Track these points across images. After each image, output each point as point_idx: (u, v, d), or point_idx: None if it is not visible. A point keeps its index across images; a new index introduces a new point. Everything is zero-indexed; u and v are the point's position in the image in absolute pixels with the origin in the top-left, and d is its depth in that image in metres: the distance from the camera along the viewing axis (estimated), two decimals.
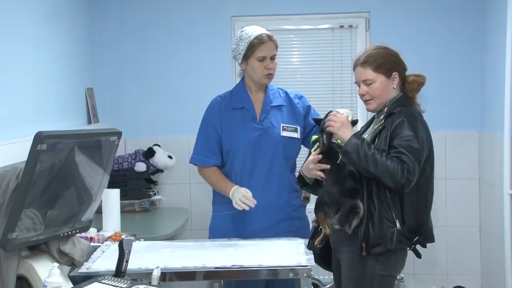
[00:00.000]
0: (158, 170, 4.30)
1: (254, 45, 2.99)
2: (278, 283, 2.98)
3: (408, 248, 2.61)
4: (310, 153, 2.77)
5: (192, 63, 4.48)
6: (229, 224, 3.07)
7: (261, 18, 4.48)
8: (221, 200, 3.10)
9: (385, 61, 2.64)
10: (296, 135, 3.09)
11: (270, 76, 3.06)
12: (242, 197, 2.93)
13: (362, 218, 2.51)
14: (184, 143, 4.46)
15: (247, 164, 3.05)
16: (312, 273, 2.43)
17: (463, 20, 4.36)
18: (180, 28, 4.47)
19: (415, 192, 2.54)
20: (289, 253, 2.61)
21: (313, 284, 4.29)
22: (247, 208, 2.92)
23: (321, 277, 4.38)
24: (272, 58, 3.04)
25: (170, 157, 4.26)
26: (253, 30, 3.04)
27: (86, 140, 2.17)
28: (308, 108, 3.18)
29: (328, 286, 4.33)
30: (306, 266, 2.42)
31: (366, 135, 2.69)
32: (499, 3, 3.87)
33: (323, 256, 2.76)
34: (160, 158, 4.22)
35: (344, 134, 2.55)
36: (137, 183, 4.19)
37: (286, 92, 3.19)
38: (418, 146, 2.50)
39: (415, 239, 2.58)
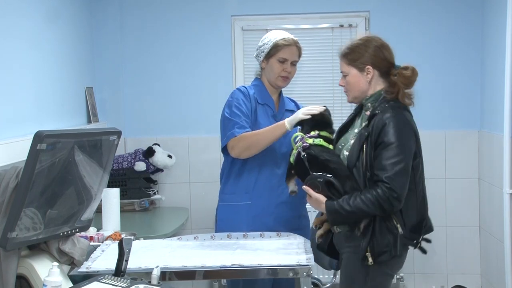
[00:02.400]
0: (158, 170, 4.30)
1: (279, 45, 3.03)
2: (284, 281, 2.99)
3: (413, 248, 2.60)
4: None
5: (192, 63, 4.47)
6: (240, 215, 3.03)
7: (261, 17, 4.49)
8: (232, 189, 3.08)
9: (360, 55, 2.60)
10: None
11: (285, 79, 3.09)
12: (306, 110, 2.84)
13: (370, 218, 2.48)
14: (184, 142, 4.46)
15: (267, 158, 3.03)
16: (312, 272, 2.42)
17: (463, 20, 4.36)
18: (180, 28, 4.47)
19: (414, 191, 2.52)
20: (289, 252, 2.60)
21: (313, 284, 4.29)
22: (322, 109, 2.80)
23: (321, 276, 4.38)
24: (293, 63, 3.07)
25: (170, 156, 4.26)
26: (282, 33, 3.10)
27: (85, 140, 2.17)
28: None
29: (328, 285, 4.33)
30: (306, 265, 2.41)
31: (351, 136, 2.64)
32: (499, 3, 3.87)
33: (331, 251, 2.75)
34: (159, 158, 4.22)
35: (320, 207, 2.57)
36: (137, 182, 4.19)
37: (295, 102, 3.26)
38: (402, 165, 2.43)
39: (420, 238, 2.57)
